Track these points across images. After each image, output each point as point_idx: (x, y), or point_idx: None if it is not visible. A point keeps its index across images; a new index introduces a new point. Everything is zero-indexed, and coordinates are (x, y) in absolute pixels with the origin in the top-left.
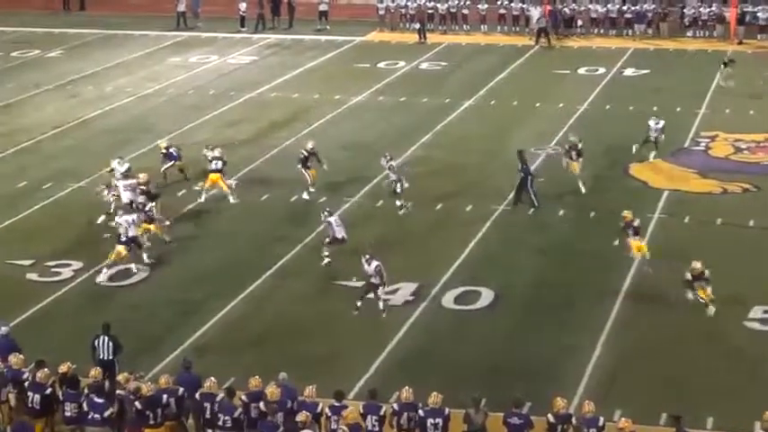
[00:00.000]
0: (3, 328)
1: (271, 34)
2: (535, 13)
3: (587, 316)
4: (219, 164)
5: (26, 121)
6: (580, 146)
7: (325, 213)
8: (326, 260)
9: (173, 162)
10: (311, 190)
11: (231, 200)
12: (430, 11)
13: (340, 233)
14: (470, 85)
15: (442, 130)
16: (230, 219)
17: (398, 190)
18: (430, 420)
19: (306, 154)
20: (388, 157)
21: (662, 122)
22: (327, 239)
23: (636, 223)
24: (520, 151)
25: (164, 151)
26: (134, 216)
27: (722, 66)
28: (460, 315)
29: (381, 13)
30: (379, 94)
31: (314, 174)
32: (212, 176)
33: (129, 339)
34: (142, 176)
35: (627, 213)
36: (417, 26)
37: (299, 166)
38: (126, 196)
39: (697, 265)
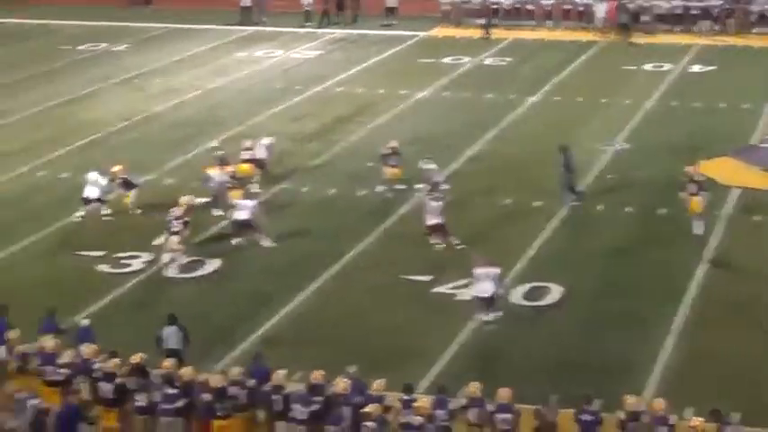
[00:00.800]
0: (84, 321)
1: (335, 29)
2: (600, 8)
3: (658, 313)
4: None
5: (93, 115)
6: (700, 178)
7: (424, 194)
8: (459, 246)
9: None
10: (397, 187)
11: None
12: (494, 6)
13: (430, 220)
14: (535, 80)
15: (507, 126)
16: (299, 213)
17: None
18: (499, 416)
19: (388, 152)
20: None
21: None
22: (426, 230)
23: None
24: (562, 147)
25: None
26: (253, 202)
27: None
28: (529, 311)
29: (446, 8)
30: (444, 90)
31: (397, 173)
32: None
33: (200, 331)
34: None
35: None
36: (482, 21)
37: (382, 162)
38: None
39: None
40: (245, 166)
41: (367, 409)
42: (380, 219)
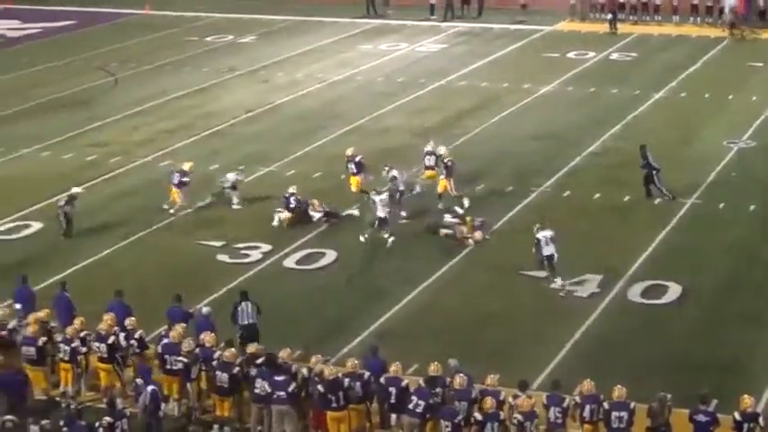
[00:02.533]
0: (204, 309)
1: (459, 23)
2: (728, 3)
3: None
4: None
5: (219, 105)
6: None
7: (373, 192)
8: (364, 238)
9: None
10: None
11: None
12: (621, 1)
13: (382, 212)
14: (661, 76)
15: (632, 121)
16: (418, 208)
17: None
18: (615, 414)
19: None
20: (387, 168)
21: None
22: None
23: None
24: (642, 146)
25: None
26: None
27: None
28: (647, 309)
29: (573, 2)
30: (568, 85)
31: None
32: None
33: (316, 322)
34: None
35: None
36: (609, 16)
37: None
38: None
39: None
40: (431, 172)
41: (484, 404)
42: (500, 214)
